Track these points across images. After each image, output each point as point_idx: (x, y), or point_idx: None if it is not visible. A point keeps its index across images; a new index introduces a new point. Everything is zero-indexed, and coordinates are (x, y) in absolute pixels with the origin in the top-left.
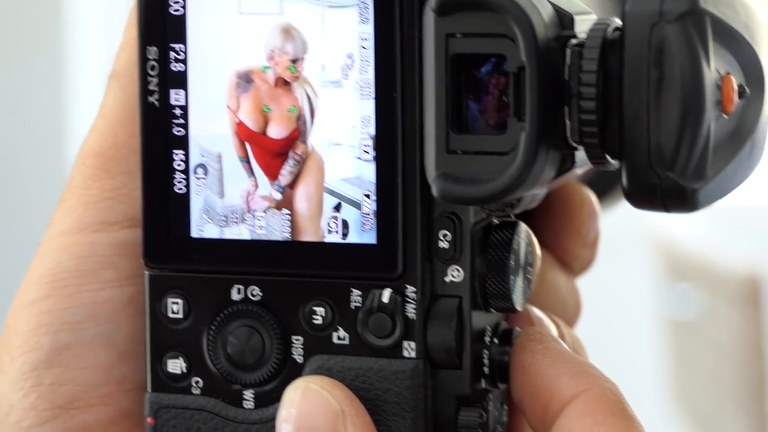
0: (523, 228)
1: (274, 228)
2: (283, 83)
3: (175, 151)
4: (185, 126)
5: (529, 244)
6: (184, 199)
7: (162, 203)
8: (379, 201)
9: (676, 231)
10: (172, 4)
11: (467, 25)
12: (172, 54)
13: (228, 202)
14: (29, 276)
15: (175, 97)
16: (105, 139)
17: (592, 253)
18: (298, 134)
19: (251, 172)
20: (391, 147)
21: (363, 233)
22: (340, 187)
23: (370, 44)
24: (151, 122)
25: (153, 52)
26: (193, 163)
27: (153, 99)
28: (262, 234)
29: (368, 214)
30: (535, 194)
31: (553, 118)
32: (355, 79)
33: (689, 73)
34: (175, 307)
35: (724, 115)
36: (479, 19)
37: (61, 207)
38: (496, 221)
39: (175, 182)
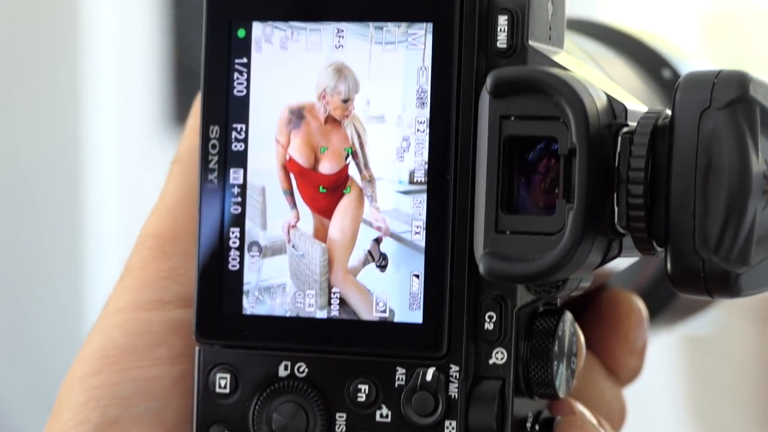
0: (569, 317)
1: (312, 257)
2: (333, 120)
3: (232, 229)
4: (242, 204)
5: (574, 333)
6: (238, 276)
7: (216, 279)
8: (428, 281)
9: None
10: (236, 85)
11: (521, 107)
12: (234, 134)
13: (270, 233)
14: (83, 352)
15: (234, 176)
16: (165, 222)
17: (640, 361)
18: (347, 170)
19: (294, 204)
20: (442, 228)
21: (410, 312)
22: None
23: (426, 128)
24: (210, 200)
25: (215, 131)
26: (248, 240)
27: (212, 177)
28: (310, 311)
29: (416, 294)
30: (580, 279)
31: (601, 201)
32: (411, 161)
33: (737, 158)
34: (222, 381)
35: None
36: (533, 102)
37: (118, 286)
38: (541, 309)
39: (229, 259)
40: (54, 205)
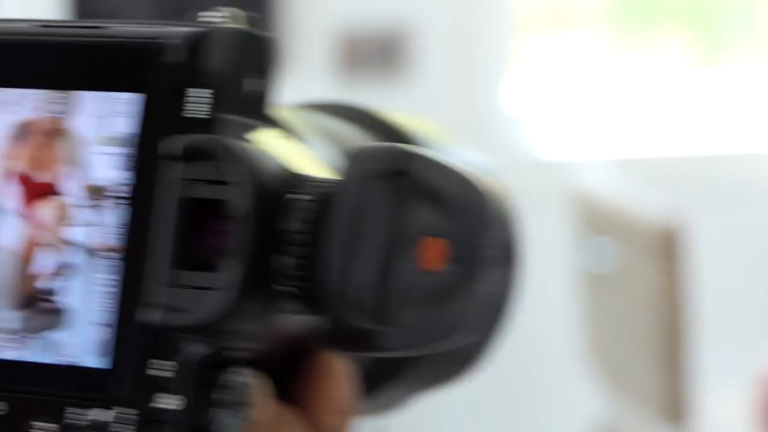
0: (244, 370)
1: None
2: (47, 134)
3: None
4: None
5: (247, 384)
6: None
7: None
8: (113, 331)
9: (592, 185)
10: None
11: (195, 172)
12: None
13: None
14: None
15: None
16: None
17: (342, 420)
18: (55, 181)
19: None
20: (129, 292)
21: (93, 357)
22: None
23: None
24: None
25: None
26: None
27: None
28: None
29: (99, 341)
30: (246, 331)
31: (263, 262)
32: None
33: (385, 224)
34: None
35: (423, 271)
36: (207, 167)
37: None
38: (222, 362)
39: None
40: None
